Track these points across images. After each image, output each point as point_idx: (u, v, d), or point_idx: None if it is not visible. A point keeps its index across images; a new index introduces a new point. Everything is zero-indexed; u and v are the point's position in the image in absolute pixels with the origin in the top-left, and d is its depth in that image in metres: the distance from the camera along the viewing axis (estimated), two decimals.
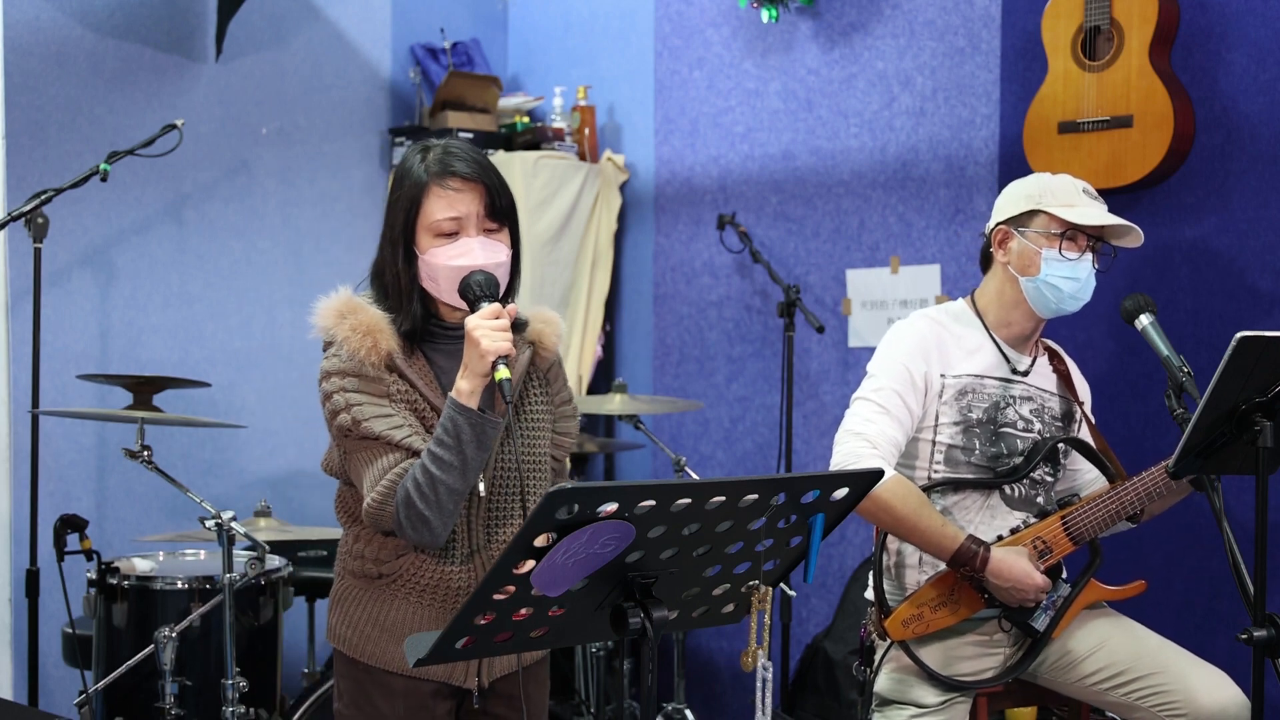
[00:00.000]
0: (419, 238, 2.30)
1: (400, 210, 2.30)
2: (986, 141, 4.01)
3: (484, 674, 2.36)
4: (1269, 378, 2.20)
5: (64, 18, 4.06)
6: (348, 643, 2.37)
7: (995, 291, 2.93)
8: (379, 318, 2.29)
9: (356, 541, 2.38)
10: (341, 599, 2.40)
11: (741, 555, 1.90)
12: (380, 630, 2.33)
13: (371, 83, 4.84)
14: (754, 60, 4.53)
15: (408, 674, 2.31)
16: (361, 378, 2.26)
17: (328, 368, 2.29)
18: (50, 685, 3.93)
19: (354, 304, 2.31)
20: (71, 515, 3.26)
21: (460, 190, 2.28)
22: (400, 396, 2.28)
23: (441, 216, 2.27)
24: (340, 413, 2.25)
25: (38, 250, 3.67)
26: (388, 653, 2.33)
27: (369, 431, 2.24)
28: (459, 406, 2.20)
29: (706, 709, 4.58)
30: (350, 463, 2.31)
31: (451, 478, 2.19)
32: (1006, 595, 2.76)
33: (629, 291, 4.91)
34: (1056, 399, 2.96)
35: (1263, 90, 3.47)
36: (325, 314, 2.31)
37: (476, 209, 2.29)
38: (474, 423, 2.19)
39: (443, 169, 2.28)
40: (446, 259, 2.27)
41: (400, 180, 2.32)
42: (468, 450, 2.20)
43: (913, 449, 2.86)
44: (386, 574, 2.33)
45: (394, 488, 2.22)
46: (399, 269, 2.31)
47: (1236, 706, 2.68)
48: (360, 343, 2.26)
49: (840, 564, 4.30)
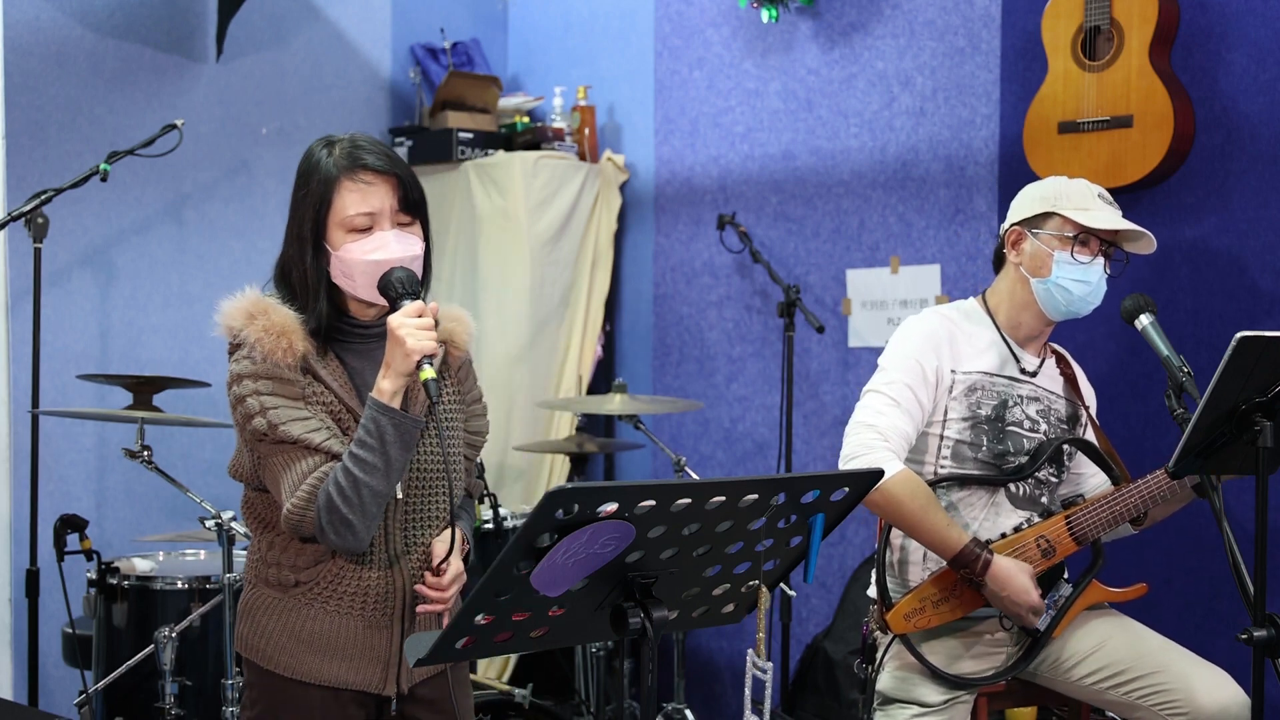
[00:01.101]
0: (330, 234, 2.24)
1: (310, 206, 2.24)
2: (986, 141, 4.01)
3: (403, 680, 2.31)
4: (1269, 378, 2.20)
5: (64, 18, 4.06)
6: (260, 653, 2.29)
7: (1007, 292, 2.93)
8: (290, 318, 2.22)
9: (270, 549, 2.30)
10: (252, 609, 2.32)
11: (741, 555, 1.90)
12: (295, 640, 2.27)
13: (371, 83, 4.84)
14: (754, 60, 4.53)
15: (323, 684, 2.26)
16: (275, 380, 2.18)
17: (239, 370, 2.22)
18: (50, 685, 3.93)
19: (264, 304, 2.24)
20: (71, 515, 3.26)
21: (373, 183, 2.22)
22: (315, 399, 2.22)
23: (355, 211, 2.21)
24: (254, 416, 2.18)
25: (38, 250, 3.67)
26: (303, 663, 2.26)
27: (286, 435, 2.16)
28: (381, 407, 2.15)
29: (706, 709, 4.58)
30: (266, 468, 2.23)
31: (375, 480, 2.14)
32: (1000, 603, 2.76)
33: (629, 291, 4.91)
34: (1063, 401, 2.96)
35: (1263, 90, 3.47)
36: (233, 314, 2.25)
37: (390, 202, 2.23)
38: (398, 423, 2.15)
39: (353, 162, 2.22)
40: (362, 253, 2.21)
41: (307, 176, 2.26)
42: (391, 451, 2.15)
43: (921, 443, 2.87)
44: (304, 581, 2.26)
45: (314, 492, 2.16)
46: (307, 266, 2.25)
47: (1237, 706, 2.68)
48: (274, 344, 2.19)
49: (840, 564, 4.30)
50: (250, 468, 2.29)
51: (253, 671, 2.33)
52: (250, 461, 2.28)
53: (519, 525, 2.52)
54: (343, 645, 2.26)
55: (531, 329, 4.63)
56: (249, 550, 2.38)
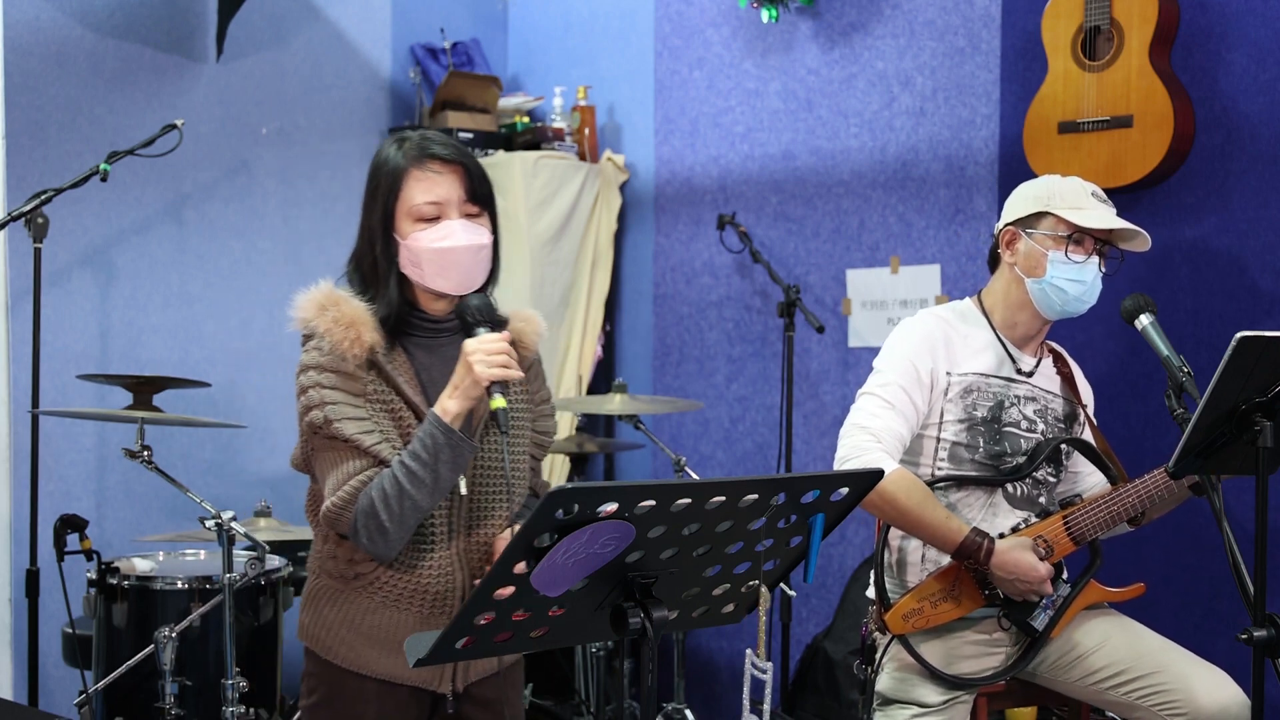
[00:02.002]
0: (399, 224, 2.27)
1: (379, 197, 2.28)
2: (986, 141, 4.01)
3: (459, 678, 2.33)
4: (1269, 378, 2.20)
5: (64, 18, 4.06)
6: (320, 642, 2.32)
7: (1002, 292, 2.93)
8: (361, 309, 2.25)
9: (327, 542, 2.33)
10: (315, 597, 2.35)
11: (741, 555, 1.90)
12: (354, 633, 2.29)
13: (371, 83, 4.84)
14: (754, 60, 4.52)
15: (381, 677, 2.28)
16: (339, 374, 2.22)
17: (306, 361, 2.25)
18: (50, 685, 3.93)
19: (335, 296, 2.27)
20: (71, 515, 3.26)
21: (440, 173, 2.27)
22: (376, 397, 2.24)
23: (422, 200, 2.25)
24: (313, 409, 2.21)
25: (38, 250, 3.67)
26: (362, 655, 2.29)
27: (339, 433, 2.20)
28: (442, 425, 2.17)
29: (706, 709, 4.58)
30: (315, 461, 2.27)
31: (420, 494, 2.17)
32: (1010, 588, 2.76)
33: (629, 291, 4.91)
34: (1060, 400, 2.96)
35: (1263, 90, 3.47)
36: (305, 306, 2.28)
37: (457, 192, 2.27)
38: (455, 444, 2.17)
39: (421, 153, 2.27)
40: (429, 242, 2.24)
41: (377, 170, 2.31)
42: (442, 470, 2.17)
43: (917, 445, 2.87)
44: (363, 574, 2.29)
45: (356, 494, 2.19)
46: (377, 255, 2.28)
47: (1237, 706, 2.68)
48: (343, 335, 2.22)
49: (840, 564, 4.30)
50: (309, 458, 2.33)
51: (312, 661, 2.36)
52: (305, 453, 2.32)
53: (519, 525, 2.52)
54: (400, 639, 2.27)
55: None
56: (314, 541, 2.42)
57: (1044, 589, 2.76)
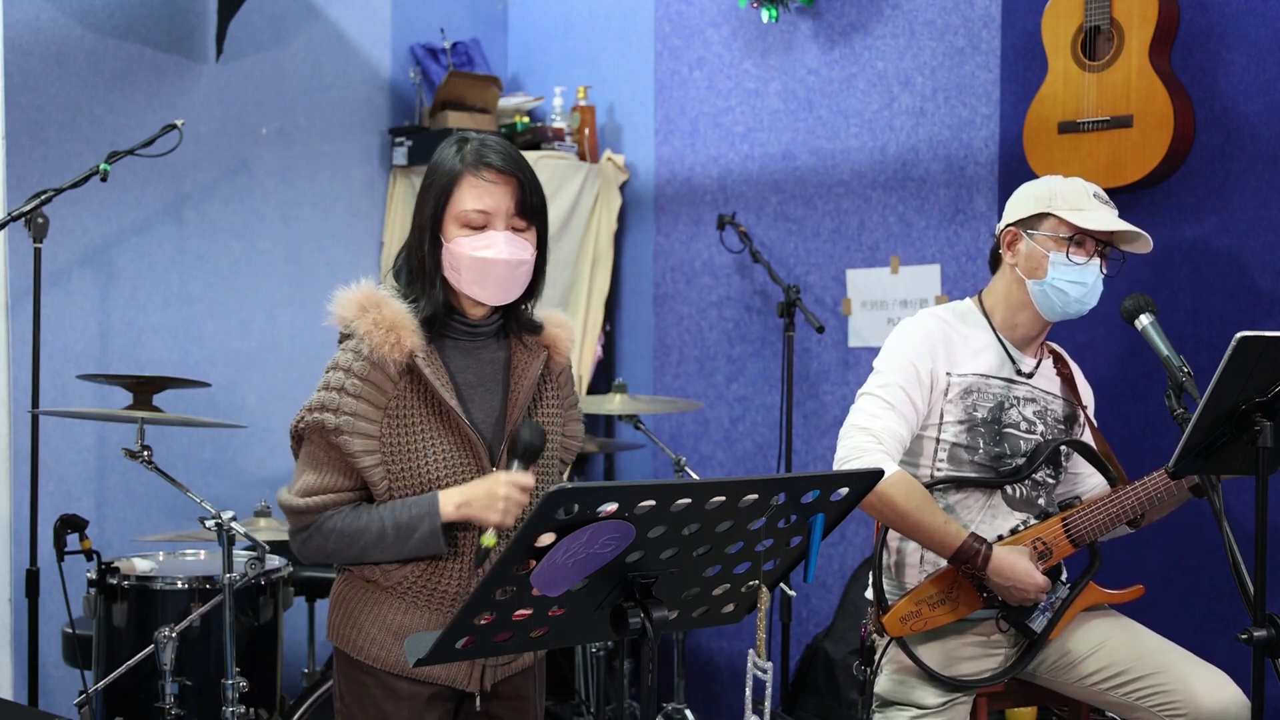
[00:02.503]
0: (446, 226, 2.28)
1: (431, 197, 2.29)
2: (986, 141, 4.01)
3: (486, 677, 2.35)
4: (1269, 378, 2.20)
5: (64, 18, 4.06)
6: (351, 643, 2.34)
7: (1003, 292, 2.93)
8: (402, 312, 2.25)
9: None
10: (345, 599, 2.37)
11: (741, 555, 1.90)
12: (384, 632, 2.31)
13: (371, 83, 4.84)
14: (754, 60, 4.53)
15: (410, 676, 2.30)
16: (370, 383, 2.22)
17: (341, 361, 2.25)
18: (50, 685, 3.93)
19: (376, 297, 2.27)
20: (71, 515, 3.26)
21: (493, 182, 2.27)
22: (396, 410, 2.24)
23: (471, 207, 2.26)
24: (329, 411, 2.21)
25: (38, 250, 3.67)
26: (391, 655, 2.31)
27: (344, 446, 2.21)
28: (434, 517, 2.20)
29: (706, 709, 4.58)
30: (304, 452, 2.28)
31: (380, 555, 2.23)
32: (1007, 594, 2.76)
33: (629, 291, 4.91)
34: (1060, 402, 2.96)
35: (1263, 90, 3.47)
36: (346, 304, 2.27)
37: (507, 204, 2.27)
38: (433, 538, 2.21)
39: (478, 160, 2.27)
40: (471, 249, 2.25)
41: (434, 169, 2.31)
42: (409, 547, 2.22)
43: (916, 446, 2.86)
44: (394, 574, 2.30)
45: (323, 509, 2.24)
46: (424, 253, 2.29)
47: (1237, 707, 2.68)
48: (383, 339, 2.21)
49: (840, 564, 4.30)
50: None
51: (343, 661, 2.37)
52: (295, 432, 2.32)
53: (519, 525, 2.53)
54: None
55: None
56: None
57: (1040, 597, 2.76)
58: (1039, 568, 2.78)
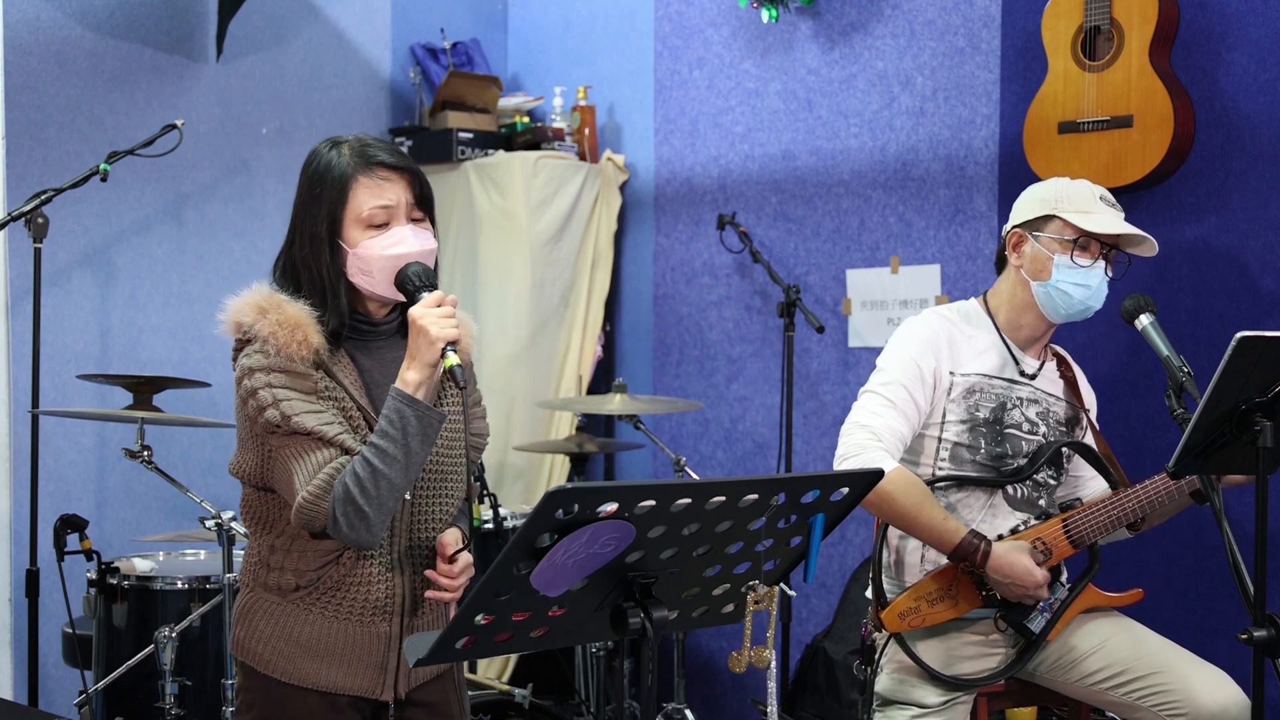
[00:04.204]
0: (347, 231, 2.23)
1: (324, 205, 2.24)
2: (986, 141, 4.01)
3: (400, 685, 2.29)
4: (1269, 378, 2.20)
5: (64, 18, 4.06)
6: (256, 656, 2.27)
7: (1008, 294, 2.93)
8: (304, 312, 2.20)
9: (273, 553, 2.27)
10: (249, 612, 2.30)
11: (741, 555, 1.90)
12: (291, 645, 2.25)
13: (371, 83, 4.84)
14: (754, 60, 4.53)
15: (321, 689, 2.24)
16: (289, 373, 2.17)
17: (250, 364, 2.19)
18: (50, 685, 3.93)
19: (275, 299, 2.22)
20: (71, 515, 3.26)
21: (389, 179, 2.23)
22: (328, 394, 2.20)
23: (372, 206, 2.22)
24: (268, 408, 2.15)
25: (38, 250, 3.67)
26: (300, 668, 2.24)
27: (300, 426, 2.14)
28: (406, 398, 2.13)
29: (706, 709, 4.58)
30: (276, 461, 2.20)
31: (394, 472, 2.12)
32: (1006, 590, 2.76)
33: (629, 291, 4.91)
34: (1062, 404, 2.96)
35: (1263, 90, 3.47)
36: (243, 310, 2.23)
37: (406, 197, 2.25)
38: (421, 415, 2.13)
39: (368, 160, 2.23)
40: (381, 249, 2.21)
41: (319, 176, 2.25)
42: (412, 444, 2.13)
43: (918, 445, 2.86)
44: (304, 585, 2.24)
45: (330, 483, 2.13)
46: (324, 266, 2.24)
47: (1237, 707, 2.68)
48: (288, 337, 2.16)
49: (840, 564, 4.30)
50: (253, 466, 2.26)
51: (248, 675, 2.30)
52: (257, 458, 2.25)
53: (519, 525, 2.53)
54: (340, 650, 2.25)
55: (531, 329, 4.63)
56: (246, 552, 2.36)
57: (1040, 594, 2.76)
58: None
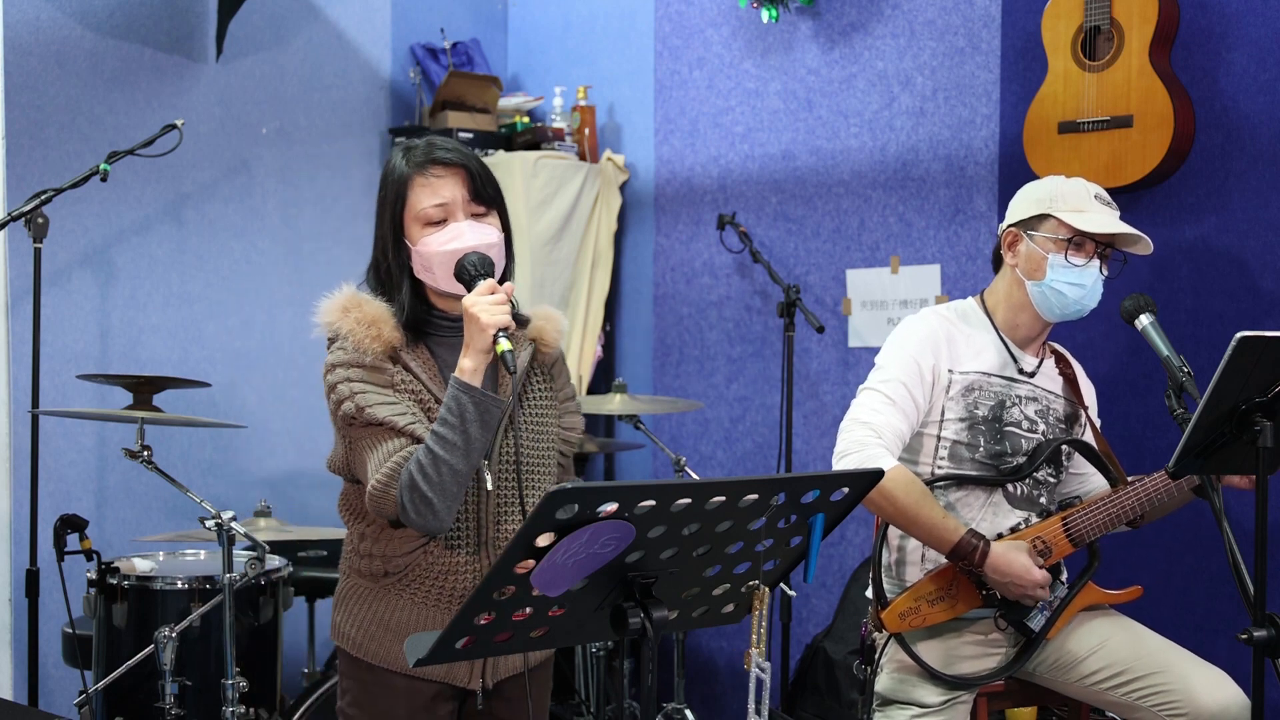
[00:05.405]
0: (409, 230, 2.33)
1: (388, 206, 2.35)
2: (986, 141, 4.01)
3: (488, 675, 2.36)
4: (1269, 378, 2.20)
5: (64, 18, 4.06)
6: (353, 641, 2.37)
7: (1004, 293, 2.93)
8: (381, 309, 2.32)
9: (363, 540, 2.37)
10: (346, 597, 2.40)
11: (741, 555, 1.90)
12: (385, 630, 2.33)
13: (371, 83, 4.84)
14: (754, 60, 4.52)
15: (411, 674, 2.30)
16: (365, 368, 2.28)
17: (332, 360, 2.31)
18: (50, 685, 3.93)
19: (356, 299, 2.33)
20: (71, 515, 3.26)
21: (443, 176, 2.32)
22: (404, 386, 2.30)
23: (427, 204, 2.31)
24: (344, 401, 2.27)
25: (38, 250, 3.67)
26: (392, 653, 2.33)
27: (373, 418, 2.25)
28: (462, 385, 2.21)
29: (706, 709, 4.58)
30: (354, 451, 2.32)
31: (455, 458, 2.19)
32: (1005, 590, 2.76)
33: (629, 291, 4.91)
34: (1061, 401, 2.96)
35: (1263, 90, 3.47)
36: (328, 310, 2.34)
37: (461, 193, 2.32)
38: (477, 401, 2.20)
39: (424, 159, 2.33)
40: (438, 245, 2.29)
41: (385, 180, 2.37)
42: (471, 429, 2.20)
43: (917, 443, 2.87)
44: (393, 571, 2.33)
45: (397, 471, 2.22)
46: (390, 262, 2.34)
47: (1237, 707, 2.68)
48: (365, 334, 2.28)
49: (840, 564, 4.30)
50: (342, 458, 2.37)
51: (345, 659, 2.40)
52: (343, 450, 2.35)
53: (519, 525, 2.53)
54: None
55: None
56: (345, 541, 2.46)
57: (1039, 593, 2.76)
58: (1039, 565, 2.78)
